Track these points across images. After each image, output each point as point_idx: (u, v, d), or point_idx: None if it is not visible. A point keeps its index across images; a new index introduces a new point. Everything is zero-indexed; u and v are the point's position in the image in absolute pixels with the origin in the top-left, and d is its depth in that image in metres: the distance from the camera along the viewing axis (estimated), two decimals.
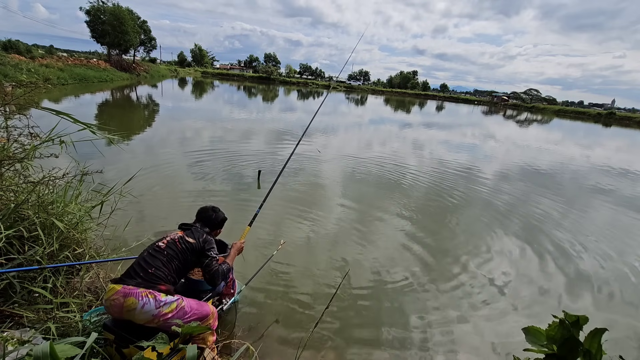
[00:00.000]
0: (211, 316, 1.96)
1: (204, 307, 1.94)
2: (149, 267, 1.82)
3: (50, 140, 2.46)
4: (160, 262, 1.86)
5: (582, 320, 0.88)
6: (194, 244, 1.99)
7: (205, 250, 2.02)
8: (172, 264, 1.89)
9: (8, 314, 1.97)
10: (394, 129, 16.36)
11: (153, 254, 1.90)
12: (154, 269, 1.82)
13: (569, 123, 39.71)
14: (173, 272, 1.90)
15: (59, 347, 1.05)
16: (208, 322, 1.94)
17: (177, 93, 27.20)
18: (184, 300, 1.83)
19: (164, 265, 1.87)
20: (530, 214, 5.89)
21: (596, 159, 13.26)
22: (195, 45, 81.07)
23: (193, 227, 2.11)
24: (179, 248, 1.94)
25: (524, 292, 3.58)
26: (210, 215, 2.23)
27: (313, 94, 45.48)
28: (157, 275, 1.81)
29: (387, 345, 2.64)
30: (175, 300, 1.77)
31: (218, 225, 2.28)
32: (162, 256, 1.88)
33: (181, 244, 1.96)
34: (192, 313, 1.84)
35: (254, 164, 7.11)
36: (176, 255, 1.92)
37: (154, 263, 1.85)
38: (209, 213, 2.24)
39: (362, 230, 4.59)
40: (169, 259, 1.89)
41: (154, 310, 1.67)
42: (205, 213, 2.24)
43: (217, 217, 2.26)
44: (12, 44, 27.43)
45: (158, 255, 1.89)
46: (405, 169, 8.25)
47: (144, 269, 1.81)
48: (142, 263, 1.85)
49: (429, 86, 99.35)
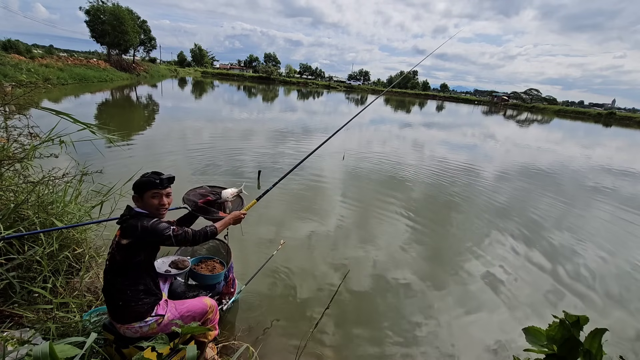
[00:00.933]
0: (210, 310, 1.92)
1: (199, 304, 1.90)
2: (109, 302, 1.66)
3: (50, 140, 2.47)
4: (111, 291, 1.64)
5: (583, 321, 0.88)
6: (130, 243, 1.62)
7: (155, 239, 1.65)
8: (120, 285, 1.63)
9: (8, 314, 1.97)
10: (394, 129, 16.36)
11: (105, 282, 1.68)
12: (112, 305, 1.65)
13: (569, 123, 39.72)
14: (127, 291, 1.64)
15: (58, 347, 1.05)
16: (207, 316, 1.91)
17: (177, 93, 27.19)
18: (168, 311, 1.76)
19: (125, 288, 1.64)
20: (531, 214, 5.88)
21: (596, 159, 13.27)
22: (195, 45, 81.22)
23: (126, 216, 1.69)
24: (119, 260, 1.63)
25: (524, 292, 3.58)
26: (135, 184, 1.74)
27: (313, 94, 45.48)
28: (125, 308, 1.64)
29: (387, 345, 2.64)
30: (153, 320, 1.71)
31: (143, 186, 1.70)
32: (110, 282, 1.65)
33: (119, 253, 1.63)
34: (187, 314, 1.83)
35: (254, 164, 7.11)
36: (120, 271, 1.64)
37: (111, 296, 1.64)
38: (136, 182, 1.74)
39: (362, 230, 4.59)
40: (114, 280, 1.64)
41: (135, 334, 1.69)
42: (134, 184, 1.75)
43: (139, 181, 1.72)
44: (12, 44, 27.43)
45: (107, 282, 1.66)
46: (406, 168, 8.25)
47: (108, 304, 1.66)
48: (105, 293, 1.68)
49: (429, 86, 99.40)
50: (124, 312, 1.64)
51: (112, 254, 1.67)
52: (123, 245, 1.62)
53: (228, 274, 2.47)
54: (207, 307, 1.91)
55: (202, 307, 1.89)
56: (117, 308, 1.64)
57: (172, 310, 1.78)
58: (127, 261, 1.64)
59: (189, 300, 1.91)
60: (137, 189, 1.73)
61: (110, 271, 1.66)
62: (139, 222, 1.65)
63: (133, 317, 1.65)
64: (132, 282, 1.65)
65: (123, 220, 1.69)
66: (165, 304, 1.79)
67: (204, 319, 1.90)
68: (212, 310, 1.94)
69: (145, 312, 1.67)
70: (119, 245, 1.64)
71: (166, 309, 1.76)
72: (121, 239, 1.64)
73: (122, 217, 1.71)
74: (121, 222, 1.70)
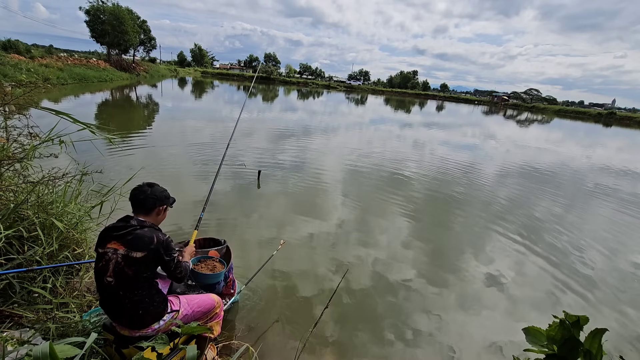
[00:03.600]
0: (217, 306, 1.99)
1: (207, 299, 1.95)
2: (121, 314, 1.60)
3: (50, 140, 2.46)
4: (125, 305, 1.57)
5: (583, 321, 0.88)
6: (145, 257, 1.55)
7: (165, 256, 1.63)
8: (137, 296, 1.58)
9: (8, 314, 1.97)
10: (394, 129, 16.35)
11: (112, 297, 1.57)
12: (127, 316, 1.60)
13: (569, 123, 39.70)
14: (145, 299, 1.60)
15: (58, 348, 1.05)
16: (215, 311, 1.98)
17: (177, 93, 27.18)
18: (181, 306, 1.80)
19: (142, 298, 1.59)
20: (531, 214, 5.88)
21: (597, 159, 13.27)
22: (195, 45, 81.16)
23: (130, 228, 1.58)
24: (132, 274, 1.54)
25: (525, 292, 3.58)
26: (145, 191, 1.69)
27: (313, 94, 45.47)
28: (146, 315, 1.61)
29: (387, 344, 2.64)
30: (170, 317, 1.73)
31: (157, 201, 1.71)
32: (123, 298, 1.56)
33: (130, 267, 1.53)
34: (197, 310, 1.87)
35: (255, 164, 7.10)
36: (135, 284, 1.56)
37: (123, 309, 1.58)
38: (143, 189, 1.70)
39: (362, 230, 4.58)
40: (130, 293, 1.56)
41: (153, 333, 1.70)
42: (139, 192, 1.69)
43: (154, 191, 1.71)
44: (12, 44, 27.44)
45: (117, 298, 1.56)
46: (406, 168, 8.25)
47: (119, 316, 1.61)
48: (111, 306, 1.60)
49: (429, 86, 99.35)
50: (143, 319, 1.64)
51: (118, 270, 1.53)
52: (136, 259, 1.53)
53: (228, 274, 2.47)
54: (214, 302, 1.97)
55: (210, 303, 1.95)
56: (136, 317, 1.61)
57: (185, 305, 1.83)
58: (139, 275, 1.57)
59: (199, 296, 1.96)
60: (161, 202, 1.73)
61: (120, 287, 1.55)
62: (154, 233, 1.60)
63: (152, 319, 1.67)
64: (147, 291, 1.63)
65: (128, 232, 1.56)
66: (175, 299, 1.82)
67: (212, 313, 1.96)
68: (219, 306, 2.02)
69: (162, 311, 1.70)
70: (129, 259, 1.53)
71: (179, 304, 1.80)
72: (131, 251, 1.53)
73: (123, 227, 1.59)
74: (123, 233, 1.56)
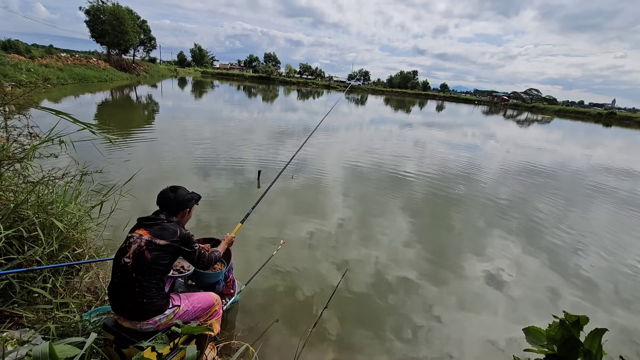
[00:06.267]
0: (216, 303, 2.01)
1: (207, 297, 1.97)
2: (126, 301, 1.62)
3: (50, 140, 2.46)
4: (134, 289, 1.61)
5: (583, 321, 0.88)
6: (167, 245, 1.68)
7: (187, 249, 1.78)
8: (147, 282, 1.64)
9: (8, 314, 1.97)
10: (394, 129, 16.35)
11: (123, 278, 1.63)
12: (131, 303, 1.62)
13: (569, 123, 39.70)
14: (153, 288, 1.66)
15: (58, 348, 1.05)
16: (214, 309, 1.99)
17: (177, 93, 27.18)
18: (181, 303, 1.82)
19: (151, 285, 1.65)
20: (531, 214, 5.88)
21: (597, 159, 13.27)
22: (195, 45, 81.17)
23: (159, 220, 1.76)
24: (150, 258, 1.63)
25: (525, 291, 3.58)
26: (169, 197, 1.84)
27: (313, 94, 45.46)
28: (139, 307, 1.63)
29: (387, 344, 2.64)
30: (171, 311, 1.76)
31: (181, 205, 1.87)
32: (134, 281, 1.61)
33: (151, 252, 1.64)
34: (198, 305, 1.89)
35: (254, 164, 7.10)
36: (149, 270, 1.63)
37: (131, 294, 1.62)
38: (167, 195, 1.85)
39: (362, 230, 4.58)
40: (143, 277, 1.62)
41: (154, 326, 1.72)
42: (163, 197, 1.85)
43: (177, 196, 1.85)
44: (12, 44, 27.40)
45: (128, 280, 1.62)
46: (406, 168, 8.25)
47: (124, 302, 1.63)
48: (119, 291, 1.65)
49: (429, 86, 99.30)
50: (145, 309, 1.66)
51: (139, 253, 1.62)
52: (158, 246, 1.67)
53: (228, 274, 2.47)
54: (214, 300, 2.00)
55: (210, 300, 1.97)
56: (140, 306, 1.64)
57: (186, 302, 1.86)
58: (157, 261, 1.66)
59: (198, 293, 1.99)
60: (184, 205, 1.88)
61: (135, 269, 1.61)
62: (177, 228, 1.78)
63: (154, 311, 1.69)
64: (156, 282, 1.69)
65: (155, 223, 1.74)
66: (176, 295, 1.86)
67: (212, 310, 1.98)
68: (218, 304, 2.04)
69: (165, 305, 1.73)
70: (152, 244, 1.65)
71: (180, 300, 1.83)
72: (155, 238, 1.67)
73: (153, 219, 1.77)
74: (151, 223, 1.74)
